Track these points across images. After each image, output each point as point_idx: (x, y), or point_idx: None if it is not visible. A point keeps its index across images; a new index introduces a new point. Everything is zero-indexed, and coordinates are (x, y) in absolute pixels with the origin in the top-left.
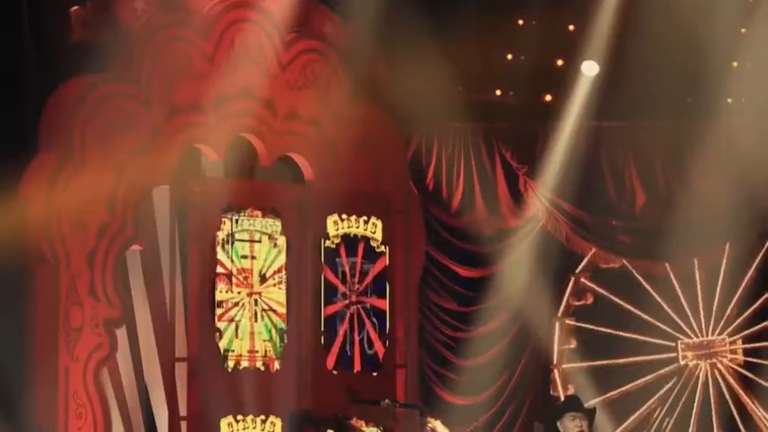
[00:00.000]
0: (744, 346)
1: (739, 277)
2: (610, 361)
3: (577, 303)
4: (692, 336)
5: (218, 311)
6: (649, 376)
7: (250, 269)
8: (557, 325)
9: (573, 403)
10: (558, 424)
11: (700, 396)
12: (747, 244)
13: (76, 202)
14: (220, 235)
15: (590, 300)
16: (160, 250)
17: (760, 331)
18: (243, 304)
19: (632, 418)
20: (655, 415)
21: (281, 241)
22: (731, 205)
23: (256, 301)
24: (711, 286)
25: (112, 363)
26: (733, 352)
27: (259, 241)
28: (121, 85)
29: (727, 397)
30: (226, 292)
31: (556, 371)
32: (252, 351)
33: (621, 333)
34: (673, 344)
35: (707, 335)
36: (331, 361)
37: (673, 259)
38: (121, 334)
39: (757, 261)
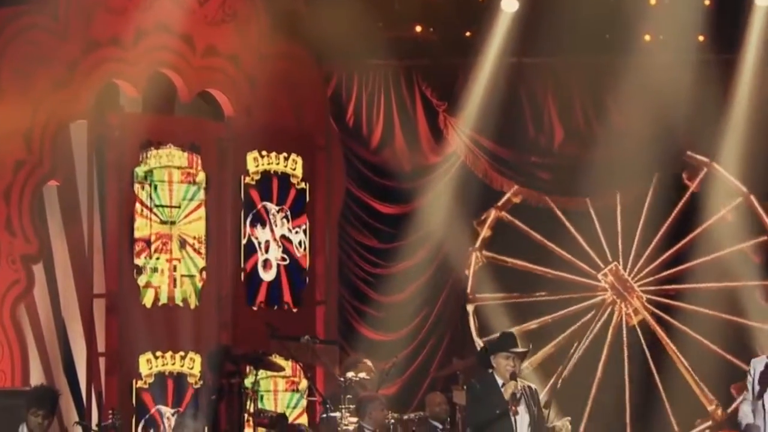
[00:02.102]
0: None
1: (657, 214)
2: (524, 295)
3: (491, 235)
4: (608, 274)
5: (138, 278)
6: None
7: (170, 234)
8: (473, 256)
9: (510, 342)
10: (491, 358)
11: (614, 330)
12: (661, 181)
13: None
14: (139, 171)
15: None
16: (78, 185)
17: (675, 274)
18: (163, 271)
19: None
20: (572, 350)
21: (201, 177)
22: (649, 142)
23: (175, 267)
24: (631, 223)
25: (29, 299)
26: (639, 310)
27: (179, 207)
28: (37, 18)
29: (639, 332)
30: (146, 258)
31: (469, 305)
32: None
33: (537, 267)
34: (590, 281)
35: (626, 271)
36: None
37: (591, 195)
38: (38, 269)
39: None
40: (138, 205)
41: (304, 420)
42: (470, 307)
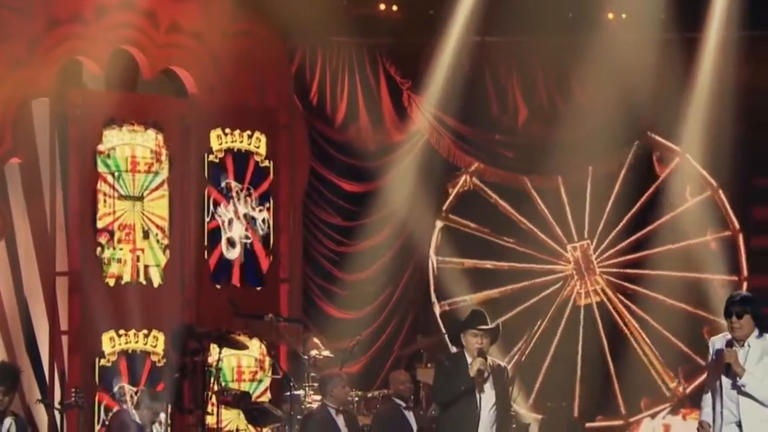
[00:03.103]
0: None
1: (620, 192)
2: (494, 235)
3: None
4: (578, 249)
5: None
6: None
7: (132, 225)
8: (464, 177)
9: (478, 319)
10: (461, 336)
11: (560, 303)
12: (625, 159)
13: None
14: (101, 151)
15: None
16: (40, 163)
17: (635, 259)
18: (125, 261)
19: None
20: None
21: (164, 156)
22: (612, 120)
23: (138, 257)
24: (593, 200)
25: None
26: (591, 294)
27: (141, 198)
28: None
29: (582, 314)
30: (108, 248)
31: (439, 221)
32: None
33: (515, 213)
34: (558, 248)
35: (589, 246)
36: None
37: (555, 174)
38: (0, 247)
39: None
40: (101, 184)
41: (266, 399)
42: (439, 223)
